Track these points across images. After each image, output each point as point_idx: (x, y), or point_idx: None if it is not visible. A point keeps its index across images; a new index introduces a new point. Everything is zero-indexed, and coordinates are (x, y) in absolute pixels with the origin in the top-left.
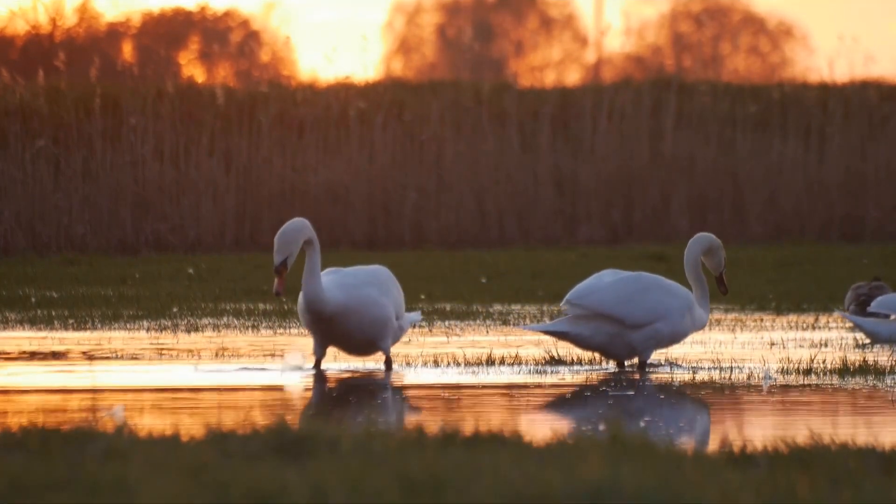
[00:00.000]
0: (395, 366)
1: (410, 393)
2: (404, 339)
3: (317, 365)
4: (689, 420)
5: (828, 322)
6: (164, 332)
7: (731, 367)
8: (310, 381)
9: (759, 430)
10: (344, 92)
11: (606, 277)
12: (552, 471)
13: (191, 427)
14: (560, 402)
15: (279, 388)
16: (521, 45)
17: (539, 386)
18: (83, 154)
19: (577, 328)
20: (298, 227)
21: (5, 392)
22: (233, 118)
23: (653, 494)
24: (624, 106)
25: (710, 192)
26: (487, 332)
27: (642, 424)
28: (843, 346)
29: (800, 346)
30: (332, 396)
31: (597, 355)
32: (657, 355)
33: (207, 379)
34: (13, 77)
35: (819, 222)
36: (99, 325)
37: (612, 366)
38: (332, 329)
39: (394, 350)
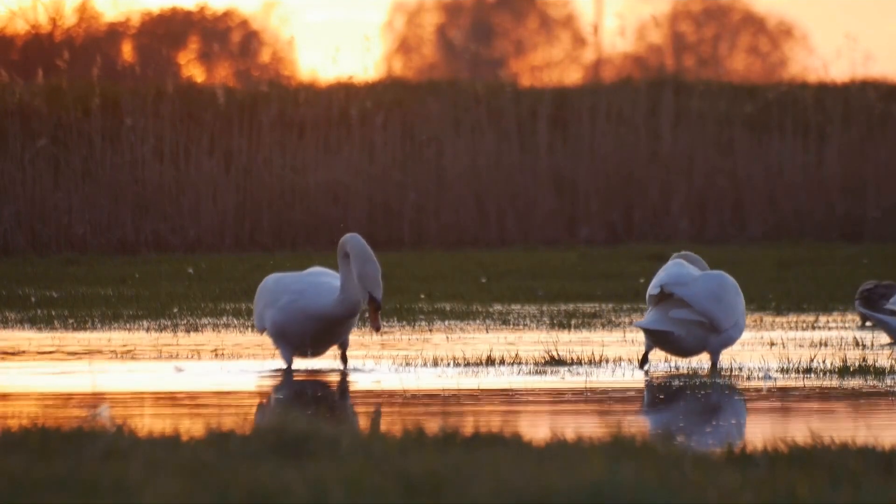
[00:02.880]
0: (392, 365)
1: (409, 394)
2: (412, 338)
3: (289, 368)
4: (689, 420)
5: (828, 322)
6: (163, 332)
7: (731, 367)
8: (294, 384)
9: (759, 430)
10: (344, 92)
11: (683, 268)
12: (552, 471)
13: (191, 427)
14: (560, 403)
15: (261, 391)
16: (521, 45)
17: (539, 386)
18: (83, 154)
19: (679, 329)
20: (368, 249)
21: (5, 394)
22: (233, 118)
23: (653, 494)
24: (623, 106)
25: (709, 192)
26: (487, 331)
27: (643, 424)
28: (843, 346)
29: (800, 346)
30: (320, 397)
31: (596, 356)
32: (659, 354)
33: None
34: (13, 77)
35: (819, 222)
36: (99, 325)
37: (610, 365)
38: (333, 330)
39: (399, 352)
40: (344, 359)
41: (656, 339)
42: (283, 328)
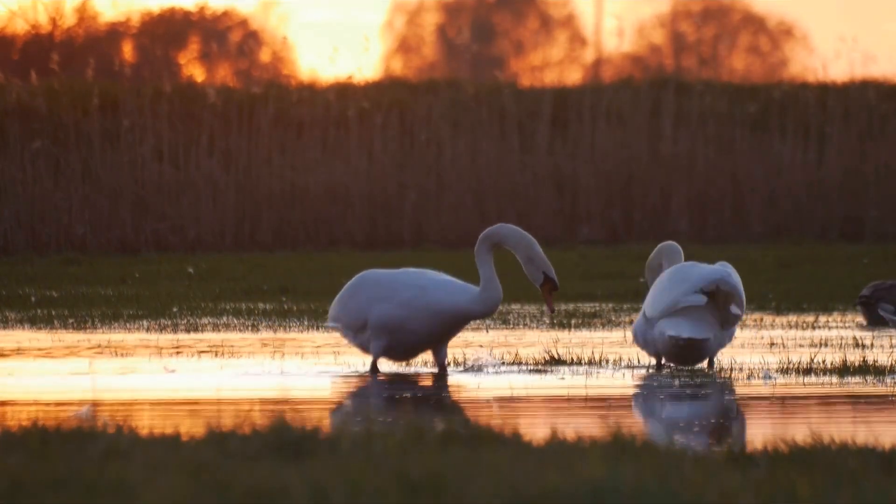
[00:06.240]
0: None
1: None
2: None
3: (375, 366)
4: (690, 420)
5: (828, 322)
6: (164, 332)
7: (731, 367)
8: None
9: (759, 430)
10: (343, 92)
11: (700, 265)
12: (552, 471)
13: (191, 427)
14: (560, 403)
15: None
16: (521, 44)
17: (539, 386)
18: (83, 154)
19: (710, 334)
20: (526, 232)
21: (3, 393)
22: (232, 118)
23: (653, 494)
24: (623, 105)
25: (709, 192)
26: (487, 331)
27: (643, 424)
28: (843, 346)
29: (800, 346)
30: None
31: (596, 356)
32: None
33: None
34: (12, 77)
35: (819, 222)
36: (99, 325)
37: (609, 366)
38: (455, 330)
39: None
40: (442, 367)
41: (685, 347)
42: (402, 324)
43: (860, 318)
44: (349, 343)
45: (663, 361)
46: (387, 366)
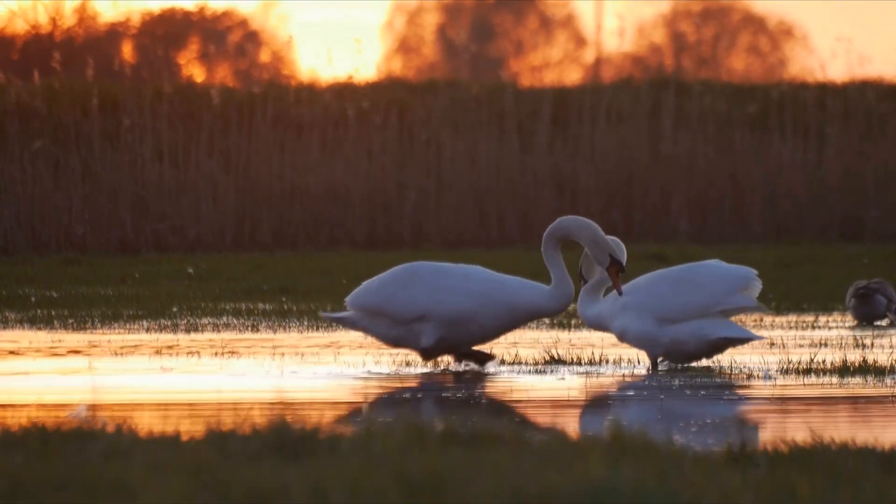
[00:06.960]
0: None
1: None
2: None
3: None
4: (690, 420)
5: (828, 322)
6: (164, 332)
7: (731, 367)
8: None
9: (759, 430)
10: (343, 92)
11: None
12: (552, 471)
13: (190, 427)
14: (560, 403)
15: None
16: (521, 45)
17: (538, 386)
18: (82, 154)
19: None
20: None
21: (3, 392)
22: (232, 118)
23: (653, 494)
24: (623, 106)
25: (709, 192)
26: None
27: (642, 424)
28: (843, 346)
29: (800, 346)
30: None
31: (596, 356)
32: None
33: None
34: (12, 77)
35: (819, 222)
36: (99, 325)
37: (609, 365)
38: (516, 327)
39: (399, 351)
40: (466, 361)
41: (722, 347)
42: (470, 316)
43: (849, 319)
44: (372, 336)
45: (661, 361)
46: (389, 366)
